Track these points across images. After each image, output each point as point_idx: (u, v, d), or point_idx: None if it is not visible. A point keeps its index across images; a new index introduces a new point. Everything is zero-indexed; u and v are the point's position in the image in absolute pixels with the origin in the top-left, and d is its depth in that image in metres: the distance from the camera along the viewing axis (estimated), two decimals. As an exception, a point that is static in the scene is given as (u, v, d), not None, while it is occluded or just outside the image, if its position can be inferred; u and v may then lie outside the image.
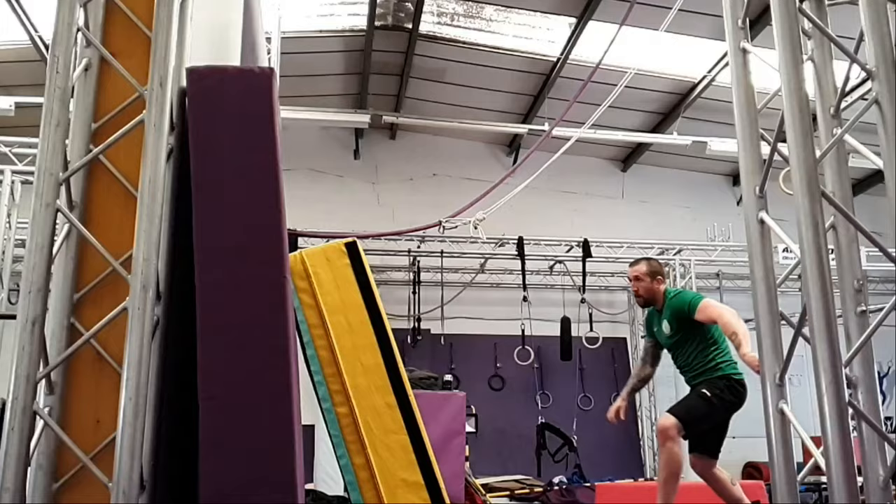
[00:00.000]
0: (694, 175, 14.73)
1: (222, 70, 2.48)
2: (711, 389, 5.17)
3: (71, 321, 2.05)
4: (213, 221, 2.30)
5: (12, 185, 6.66)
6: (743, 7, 2.29)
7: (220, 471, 2.14)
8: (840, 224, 2.21)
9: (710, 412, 5.15)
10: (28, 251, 2.00)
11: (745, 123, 2.18)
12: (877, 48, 2.05)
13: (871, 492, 2.03)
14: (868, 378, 2.14)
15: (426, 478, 3.81)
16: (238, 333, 2.25)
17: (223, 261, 2.28)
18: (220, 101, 2.40)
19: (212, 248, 2.28)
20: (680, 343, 5.47)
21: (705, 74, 11.53)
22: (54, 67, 2.09)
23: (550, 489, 11.34)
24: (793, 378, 1.98)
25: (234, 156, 2.36)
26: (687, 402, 5.32)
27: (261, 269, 2.32)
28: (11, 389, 1.90)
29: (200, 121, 2.36)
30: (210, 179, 2.33)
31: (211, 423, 2.16)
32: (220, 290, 2.26)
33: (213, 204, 2.32)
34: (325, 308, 3.92)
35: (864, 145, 2.13)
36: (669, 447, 5.05)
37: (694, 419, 5.13)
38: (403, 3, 10.84)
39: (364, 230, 11.71)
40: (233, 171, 2.35)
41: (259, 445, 2.18)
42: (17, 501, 1.85)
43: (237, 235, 2.31)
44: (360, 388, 3.84)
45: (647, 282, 5.59)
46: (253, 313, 2.28)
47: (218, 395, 2.18)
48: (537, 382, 12.81)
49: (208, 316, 2.22)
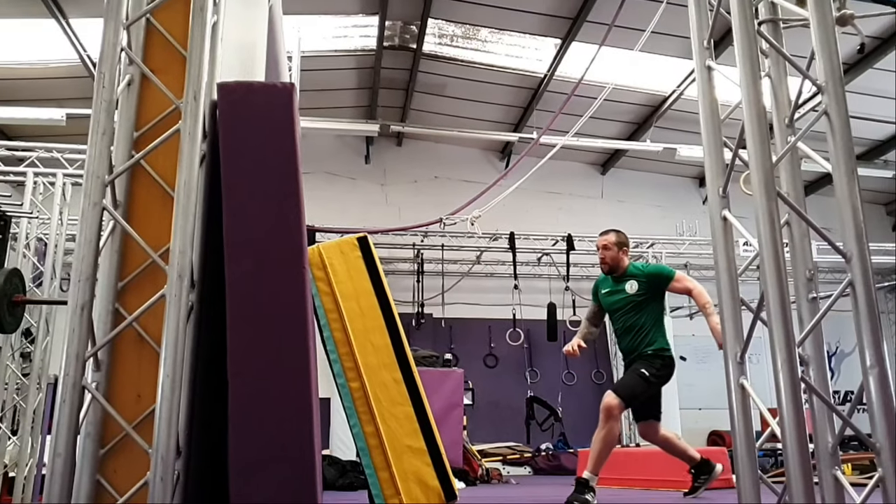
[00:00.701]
0: (665, 178, 14.74)
1: (249, 85, 2.48)
2: (649, 369, 5.15)
3: (115, 306, 2.05)
4: (241, 219, 2.30)
5: (64, 186, 6.64)
6: (708, 29, 2.29)
7: (247, 439, 2.15)
8: (794, 221, 2.21)
9: (648, 388, 5.16)
10: (77, 245, 2.00)
11: (709, 132, 2.17)
12: (826, 66, 2.05)
13: (821, 457, 2.03)
14: (818, 356, 2.14)
15: (428, 444, 3.81)
16: (262, 318, 2.25)
17: (250, 253, 2.29)
18: (247, 111, 2.40)
19: (240, 243, 2.28)
20: (635, 308, 5.33)
21: (675, 89, 11.53)
22: (101, 83, 2.08)
23: (538, 454, 11.38)
24: (752, 357, 1.97)
25: (259, 160, 2.36)
26: (629, 381, 5.21)
27: (283, 260, 2.32)
28: (63, 367, 1.91)
29: (230, 129, 2.36)
30: (238, 182, 2.33)
31: (238, 398, 2.16)
32: (247, 279, 2.26)
33: (240, 203, 2.32)
34: (339, 295, 3.92)
35: (815, 151, 2.13)
36: (612, 425, 5.02)
37: (635, 397, 5.15)
38: (409, 26, 10.83)
39: (374, 226, 11.72)
40: (258, 174, 2.35)
41: (281, 416, 2.19)
42: (69, 465, 1.86)
43: (262, 231, 2.31)
44: (370, 365, 3.84)
45: (614, 251, 5.42)
46: (275, 300, 2.28)
47: (244, 373, 2.18)
48: (527, 360, 12.84)
49: (236, 302, 2.23)
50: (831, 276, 13.61)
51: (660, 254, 13.24)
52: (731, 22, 2.08)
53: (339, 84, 12.22)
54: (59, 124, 9.62)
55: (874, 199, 15.08)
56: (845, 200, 1.97)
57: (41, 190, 6.79)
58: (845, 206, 1.96)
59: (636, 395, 5.14)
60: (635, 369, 5.20)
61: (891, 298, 15.45)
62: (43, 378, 6.17)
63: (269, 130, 2.41)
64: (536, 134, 10.66)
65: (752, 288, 4.97)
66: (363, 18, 10.51)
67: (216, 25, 2.31)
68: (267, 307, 2.26)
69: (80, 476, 1.92)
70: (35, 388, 6.06)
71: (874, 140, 12.55)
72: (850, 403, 14.10)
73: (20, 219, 6.27)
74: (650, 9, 7.89)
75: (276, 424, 2.18)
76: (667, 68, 10.95)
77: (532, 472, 11.26)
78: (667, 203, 14.45)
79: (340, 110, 12.63)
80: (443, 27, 10.79)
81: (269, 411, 2.18)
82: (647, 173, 14.59)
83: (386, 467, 3.71)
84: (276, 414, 2.19)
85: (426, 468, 3.76)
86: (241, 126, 2.38)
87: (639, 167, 14.44)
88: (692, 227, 13.51)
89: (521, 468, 11.32)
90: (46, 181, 6.82)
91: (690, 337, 13.77)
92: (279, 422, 2.18)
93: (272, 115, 2.43)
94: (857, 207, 1.96)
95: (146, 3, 2.24)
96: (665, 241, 13.40)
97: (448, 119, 13.00)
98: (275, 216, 2.35)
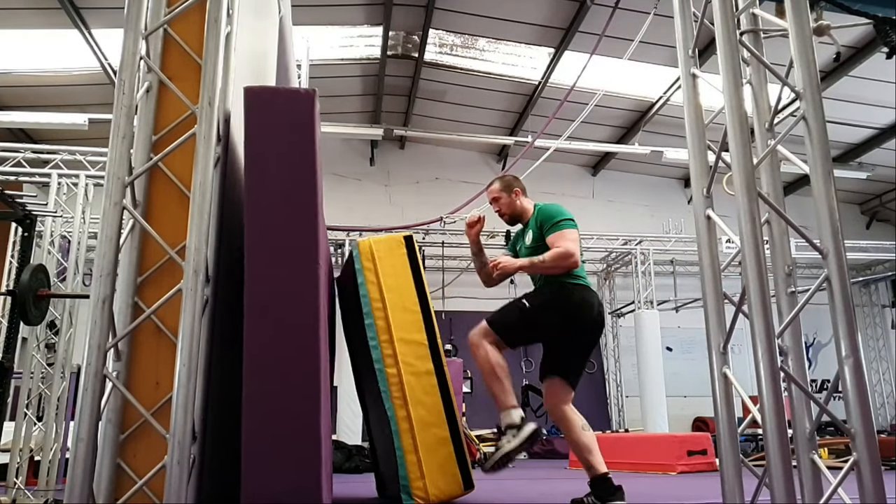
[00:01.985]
0: (652, 179, 14.75)
1: (274, 90, 2.51)
2: (531, 300, 4.00)
3: (135, 300, 2.05)
4: (261, 215, 2.32)
5: (86, 187, 6.63)
6: (693, 39, 2.28)
7: (259, 425, 2.15)
8: (773, 220, 2.21)
9: (521, 315, 3.93)
10: (99, 242, 2.00)
11: (694, 136, 2.17)
12: (804, 73, 2.05)
13: (799, 442, 2.03)
14: (797, 347, 2.14)
15: (453, 435, 3.84)
16: (279, 309, 2.26)
17: (268, 248, 2.30)
18: (271, 114, 2.41)
19: (259, 237, 2.29)
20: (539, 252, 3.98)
21: (661, 95, 11.53)
22: (121, 89, 2.08)
23: (533, 439, 11.36)
24: (734, 347, 1.97)
25: (281, 161, 2.38)
26: (503, 307, 4.07)
27: (298, 256, 2.32)
28: (85, 357, 1.91)
29: (255, 130, 2.37)
30: (261, 180, 2.34)
31: (253, 385, 2.16)
32: (265, 272, 2.27)
33: (262, 200, 2.33)
34: (384, 286, 3.96)
35: (794, 154, 2.13)
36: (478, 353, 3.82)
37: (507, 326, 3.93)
38: (411, 36, 10.83)
39: (378, 224, 11.73)
40: (280, 173, 2.37)
41: (292, 404, 2.19)
42: (91, 449, 1.86)
43: (280, 227, 2.33)
44: (406, 354, 3.88)
45: (504, 197, 4.31)
46: (290, 293, 2.28)
47: (259, 362, 2.19)
48: (522, 351, 12.82)
49: (254, 294, 2.24)
50: (809, 271, 13.64)
51: (647, 251, 13.24)
52: (714, 32, 2.08)
53: (346, 91, 12.22)
54: (82, 128, 9.63)
55: (849, 199, 15.09)
56: (822, 200, 1.96)
57: (65, 190, 6.78)
58: (822, 206, 1.96)
59: (507, 319, 3.94)
60: (516, 299, 4.06)
61: (865, 293, 15.47)
62: (66, 367, 6.17)
63: (292, 133, 2.42)
64: (531, 137, 10.66)
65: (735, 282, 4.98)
66: (368, 29, 10.51)
67: (230, 35, 2.31)
68: (282, 300, 2.27)
69: (102, 460, 1.92)
70: (59, 377, 6.06)
71: (849, 143, 12.55)
72: (826, 391, 14.13)
73: (45, 217, 6.26)
74: (638, 20, 7.89)
75: (288, 412, 2.18)
76: (654, 76, 10.95)
77: (527, 457, 11.27)
78: (654, 203, 14.47)
79: (346, 115, 12.62)
80: (443, 37, 10.79)
81: (281, 399, 2.19)
82: (635, 175, 14.60)
83: (413, 451, 3.74)
84: (288, 401, 2.19)
85: (449, 457, 3.78)
86: (265, 128, 2.39)
87: (627, 169, 14.45)
88: (678, 226, 13.51)
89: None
90: (70, 182, 6.81)
91: (676, 329, 13.79)
92: (290, 409, 2.19)
93: (295, 118, 2.44)
94: (833, 207, 1.96)
95: (164, 15, 2.24)
96: (652, 239, 13.39)
97: (448, 123, 13.00)
98: (293, 214, 2.36)
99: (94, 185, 6.75)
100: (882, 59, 9.30)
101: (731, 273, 2.45)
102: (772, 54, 2.27)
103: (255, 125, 2.37)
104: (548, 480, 6.56)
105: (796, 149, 2.01)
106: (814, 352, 14.32)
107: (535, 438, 3.83)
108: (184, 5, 2.25)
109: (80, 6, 8.62)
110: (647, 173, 14.56)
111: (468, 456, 3.88)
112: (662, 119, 12.15)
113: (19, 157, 7.57)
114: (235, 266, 2.33)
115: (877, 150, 12.44)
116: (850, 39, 9.41)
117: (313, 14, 9.58)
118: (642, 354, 11.93)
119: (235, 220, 2.48)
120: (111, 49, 9.45)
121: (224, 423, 2.32)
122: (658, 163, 13.12)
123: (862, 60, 9.68)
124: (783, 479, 1.76)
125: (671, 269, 14.25)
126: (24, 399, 5.94)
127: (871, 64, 9.72)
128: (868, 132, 12.11)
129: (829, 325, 1.91)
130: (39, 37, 9.30)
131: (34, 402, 6.17)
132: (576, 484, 5.80)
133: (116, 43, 2.16)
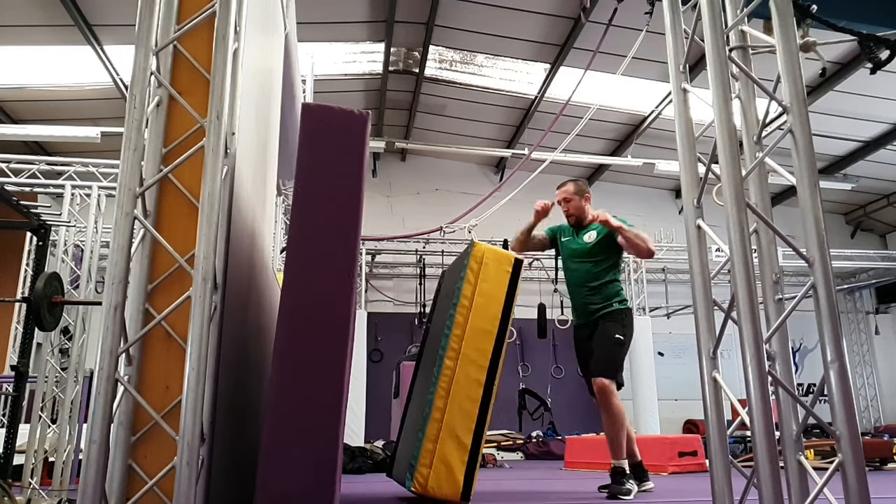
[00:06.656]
0: (644, 190, 14.75)
1: (330, 108, 2.55)
2: (620, 331, 4.51)
3: (146, 307, 2.05)
4: (306, 224, 2.39)
5: (98, 197, 6.64)
6: (683, 55, 2.29)
7: (282, 426, 2.17)
8: (761, 229, 2.21)
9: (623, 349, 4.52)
10: (111, 251, 2.00)
11: (685, 148, 2.18)
12: (791, 88, 2.05)
13: (786, 443, 2.03)
14: (784, 352, 2.14)
15: (473, 446, 3.82)
16: (314, 313, 2.31)
17: (311, 254, 2.36)
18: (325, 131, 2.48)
19: (303, 245, 2.36)
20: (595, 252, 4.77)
21: (653, 109, 11.54)
22: (132, 103, 2.09)
23: (530, 441, 11.36)
24: (724, 352, 1.97)
25: (330, 175, 2.44)
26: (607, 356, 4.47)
27: (338, 265, 2.37)
28: (98, 361, 1.91)
29: (308, 144, 2.43)
30: (310, 191, 2.42)
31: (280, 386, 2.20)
32: (305, 277, 2.32)
33: (308, 209, 2.41)
34: (478, 290, 4.01)
35: (781, 166, 2.13)
36: (611, 404, 4.37)
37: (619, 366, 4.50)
38: (412, 52, 10.85)
39: (380, 234, 11.73)
40: (328, 186, 2.45)
41: (316, 405, 2.24)
42: (103, 451, 1.86)
43: (322, 237, 2.39)
44: (468, 356, 3.90)
45: (576, 200, 4.98)
46: (328, 298, 2.34)
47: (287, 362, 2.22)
48: (519, 355, 12.83)
49: (290, 297, 2.32)
50: (796, 279, 13.62)
51: (639, 259, 13.23)
52: (704, 49, 2.09)
53: (349, 105, 12.10)
54: (94, 141, 9.63)
55: (834, 209, 15.09)
56: (808, 210, 1.97)
57: (78, 201, 6.79)
58: (808, 216, 1.96)
59: (619, 364, 4.48)
60: (608, 336, 4.51)
61: (849, 300, 15.46)
62: (80, 372, 6.17)
63: (343, 150, 2.48)
64: (528, 150, 10.66)
65: (724, 290, 4.98)
66: (370, 45, 10.53)
67: (237, 52, 2.32)
68: (318, 304, 2.33)
69: (114, 461, 1.92)
70: (72, 381, 6.05)
71: (835, 155, 12.56)
72: (812, 395, 14.10)
73: (59, 227, 6.27)
74: (631, 36, 7.90)
75: (311, 410, 2.22)
76: (646, 90, 10.96)
77: (524, 458, 11.25)
78: (646, 213, 14.45)
79: (350, 129, 12.62)
80: (443, 53, 10.81)
81: (306, 398, 2.23)
82: (628, 186, 14.59)
83: (434, 440, 3.77)
84: (312, 401, 2.23)
85: (460, 463, 3.77)
86: (318, 143, 2.45)
87: (621, 180, 14.45)
88: (669, 235, 13.52)
89: (514, 453, 11.31)
90: (83, 193, 6.82)
91: (668, 335, 13.77)
92: (314, 408, 2.23)
93: (347, 137, 2.49)
94: (819, 217, 1.96)
95: (173, 32, 2.25)
96: (645, 248, 13.37)
97: (448, 136, 13.02)
98: (336, 225, 2.41)
99: (106, 196, 6.76)
100: (866, 74, 9.33)
101: (721, 281, 2.45)
102: (760, 70, 2.28)
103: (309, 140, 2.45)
104: (545, 480, 6.54)
105: (783, 161, 2.01)
106: (800, 357, 14.30)
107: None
108: (193, 23, 2.26)
109: (93, 23, 8.64)
110: (640, 185, 14.56)
111: (477, 471, 3.85)
112: (654, 132, 12.16)
113: (34, 169, 7.58)
114: (242, 275, 2.34)
115: (861, 162, 12.44)
116: (835, 55, 9.43)
117: (318, 31, 9.61)
118: (635, 359, 11.91)
119: (243, 229, 2.48)
120: (123, 65, 9.47)
121: (231, 426, 2.32)
122: (650, 174, 13.12)
123: (847, 76, 9.68)
124: (771, 480, 1.76)
125: (663, 277, 14.25)
126: (38, 402, 5.93)
127: (856, 79, 9.73)
128: (853, 145, 12.12)
129: (816, 331, 1.91)
130: (54, 53, 9.32)
131: (48, 405, 6.16)
132: (572, 483, 5.80)
133: (128, 59, 2.17)
